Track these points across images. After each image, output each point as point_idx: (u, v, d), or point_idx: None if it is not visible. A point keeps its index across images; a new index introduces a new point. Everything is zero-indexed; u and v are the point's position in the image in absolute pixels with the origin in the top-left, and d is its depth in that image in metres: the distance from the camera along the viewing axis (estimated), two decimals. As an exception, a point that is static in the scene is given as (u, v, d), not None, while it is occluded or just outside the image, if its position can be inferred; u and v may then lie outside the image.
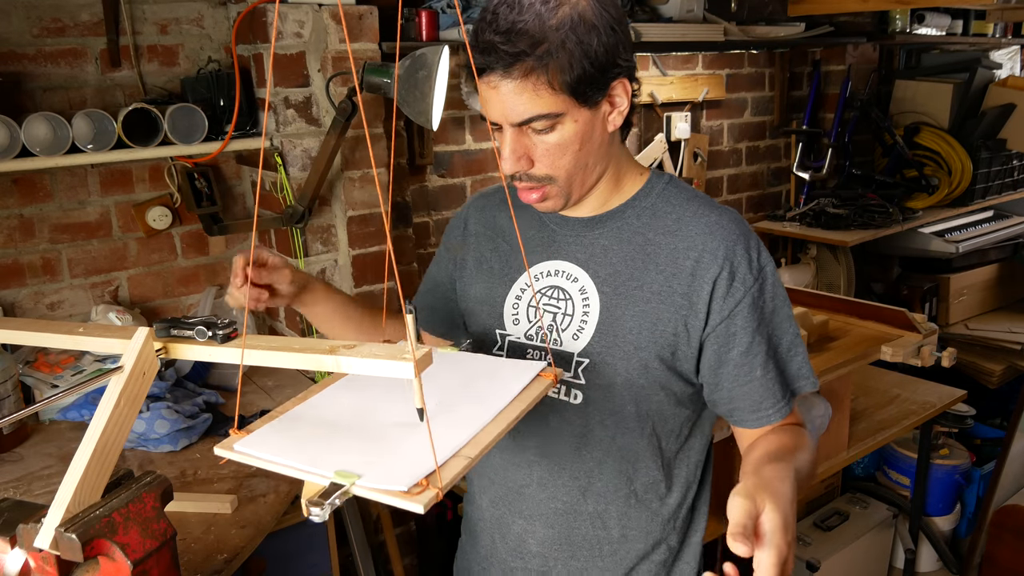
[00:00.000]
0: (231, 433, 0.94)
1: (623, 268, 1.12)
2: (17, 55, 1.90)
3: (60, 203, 2.01)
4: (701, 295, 1.08)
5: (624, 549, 1.21)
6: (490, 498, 1.27)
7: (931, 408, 2.44)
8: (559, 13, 0.98)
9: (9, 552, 0.94)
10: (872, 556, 2.73)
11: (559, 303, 1.15)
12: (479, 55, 1.01)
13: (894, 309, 2.25)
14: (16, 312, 2.00)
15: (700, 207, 1.13)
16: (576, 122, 1.04)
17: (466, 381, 1.04)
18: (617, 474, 1.17)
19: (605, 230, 1.15)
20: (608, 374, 1.12)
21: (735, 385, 1.10)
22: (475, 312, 1.26)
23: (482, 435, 0.90)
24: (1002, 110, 3.50)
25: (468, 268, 1.28)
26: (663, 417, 1.15)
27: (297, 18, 1.93)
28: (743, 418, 1.12)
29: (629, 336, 1.10)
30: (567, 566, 1.22)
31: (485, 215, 1.28)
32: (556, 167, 1.07)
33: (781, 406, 1.11)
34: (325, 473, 0.84)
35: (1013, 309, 3.66)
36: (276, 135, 2.01)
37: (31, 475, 1.64)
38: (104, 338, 1.00)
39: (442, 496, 0.81)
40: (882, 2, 2.99)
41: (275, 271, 1.19)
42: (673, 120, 2.96)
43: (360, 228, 2.12)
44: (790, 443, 1.06)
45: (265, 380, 2.08)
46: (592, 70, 1.00)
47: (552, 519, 1.21)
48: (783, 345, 1.12)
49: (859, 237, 3.06)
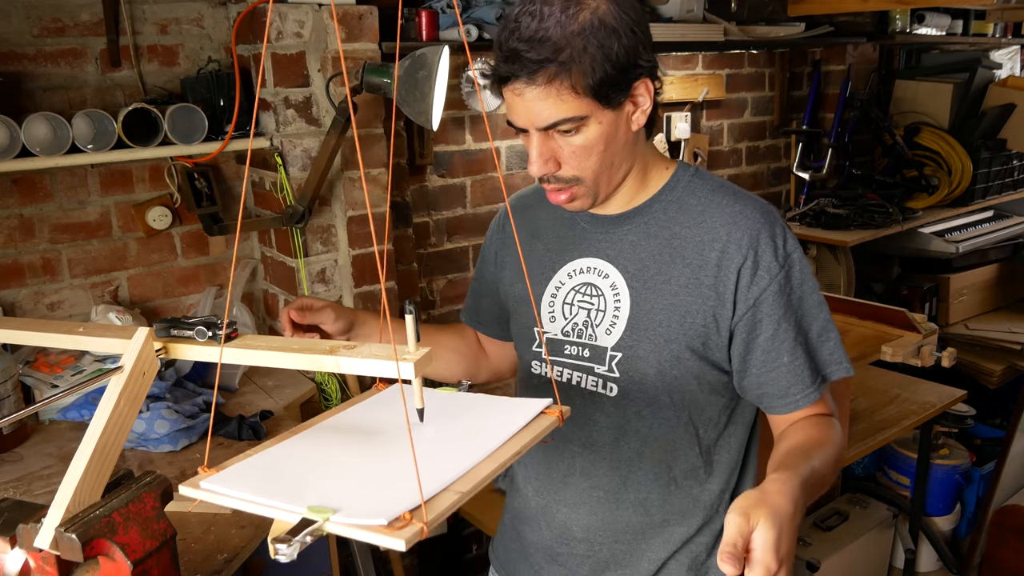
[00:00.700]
0: (200, 471, 0.89)
1: (651, 262, 1.15)
2: (17, 55, 1.90)
3: (60, 203, 2.01)
4: (728, 285, 1.11)
5: (667, 533, 1.23)
6: (535, 488, 1.30)
7: (931, 408, 2.44)
8: (580, 19, 1.01)
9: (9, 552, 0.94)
10: (872, 556, 2.73)
11: (592, 299, 1.19)
12: (503, 63, 1.04)
13: (894, 309, 2.25)
14: (16, 312, 2.00)
15: (724, 197, 1.15)
16: (600, 123, 1.06)
17: (464, 419, 1.00)
18: (656, 463, 1.20)
19: (633, 226, 1.18)
20: (641, 367, 1.15)
21: (763, 371, 1.13)
22: (516, 311, 1.31)
23: (476, 470, 0.85)
24: (1002, 110, 3.50)
25: (508, 269, 1.33)
26: (698, 406, 1.18)
27: (297, 18, 1.93)
28: (772, 404, 1.15)
29: (659, 329, 1.13)
30: (611, 549, 1.25)
31: (521, 216, 1.32)
32: (583, 168, 1.09)
33: (810, 392, 1.13)
34: (297, 509, 0.79)
35: (1013, 309, 3.66)
36: (276, 135, 2.01)
37: (31, 475, 1.64)
38: (104, 338, 1.00)
39: (428, 533, 0.75)
40: (882, 2, 2.99)
41: (319, 312, 1.25)
42: (673, 120, 2.96)
43: (360, 228, 2.12)
44: (812, 440, 1.08)
45: (265, 380, 2.08)
46: (614, 72, 1.03)
47: (595, 507, 1.24)
48: (813, 331, 1.14)
49: (859, 237, 3.06)
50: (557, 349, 1.23)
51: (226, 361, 0.96)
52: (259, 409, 1.87)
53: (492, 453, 0.88)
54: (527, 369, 1.30)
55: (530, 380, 1.30)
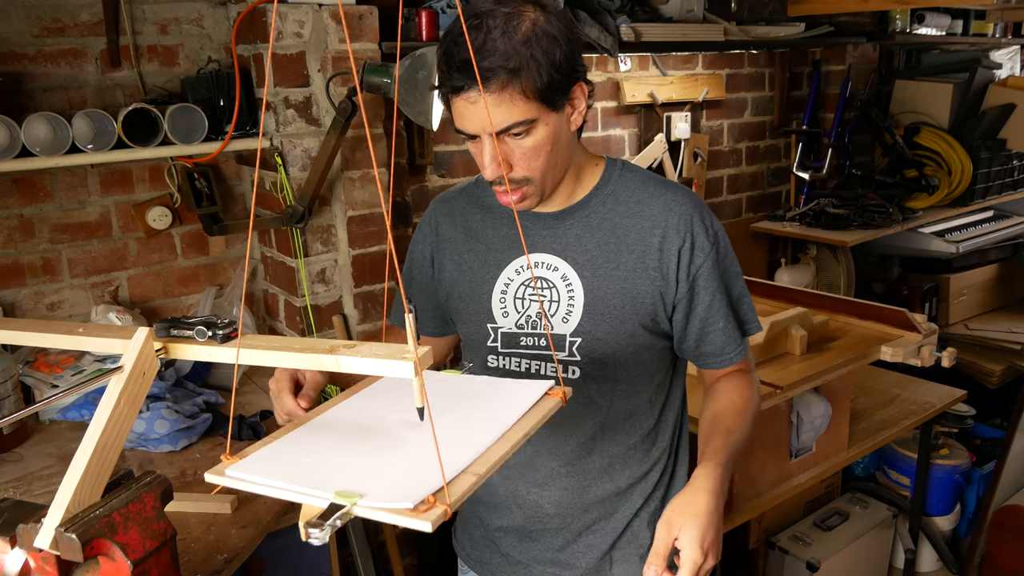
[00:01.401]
0: (223, 459, 0.91)
1: (599, 253, 1.25)
2: (17, 55, 1.90)
3: (60, 203, 2.01)
4: (670, 265, 1.24)
5: (630, 493, 1.36)
6: (501, 473, 1.36)
7: (931, 408, 2.44)
8: (522, 29, 1.09)
9: (9, 552, 0.94)
10: (872, 556, 2.73)
11: (544, 291, 1.28)
12: (456, 74, 1.09)
13: (894, 309, 2.25)
14: (16, 312, 2.00)
15: (656, 187, 1.28)
16: (547, 125, 1.14)
17: (472, 402, 1.03)
18: (616, 431, 1.32)
19: (575, 220, 1.27)
20: (600, 348, 1.26)
21: (702, 335, 1.28)
22: (462, 311, 1.36)
23: (490, 452, 0.89)
24: (1002, 110, 3.50)
25: (447, 271, 1.37)
26: (649, 373, 1.31)
27: (297, 18, 1.93)
28: (708, 362, 1.31)
29: (614, 312, 1.25)
30: (583, 519, 1.35)
31: (454, 219, 1.38)
32: (532, 168, 1.17)
33: (740, 349, 1.31)
34: (324, 494, 0.81)
35: (1013, 309, 3.66)
36: (276, 135, 2.01)
37: (31, 475, 1.64)
38: (104, 338, 1.00)
39: (451, 514, 0.79)
40: (882, 2, 2.99)
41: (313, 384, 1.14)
42: (673, 120, 2.96)
43: (360, 228, 2.12)
44: (734, 407, 1.26)
45: (265, 380, 2.07)
46: (558, 77, 1.11)
47: (564, 482, 1.33)
48: (734, 295, 1.30)
49: (859, 237, 3.06)
50: (513, 342, 1.30)
51: (226, 361, 0.96)
52: (259, 409, 1.87)
53: (503, 435, 0.92)
54: (482, 364, 1.34)
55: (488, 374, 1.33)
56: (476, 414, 0.99)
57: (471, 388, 1.08)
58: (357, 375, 1.20)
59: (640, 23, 2.50)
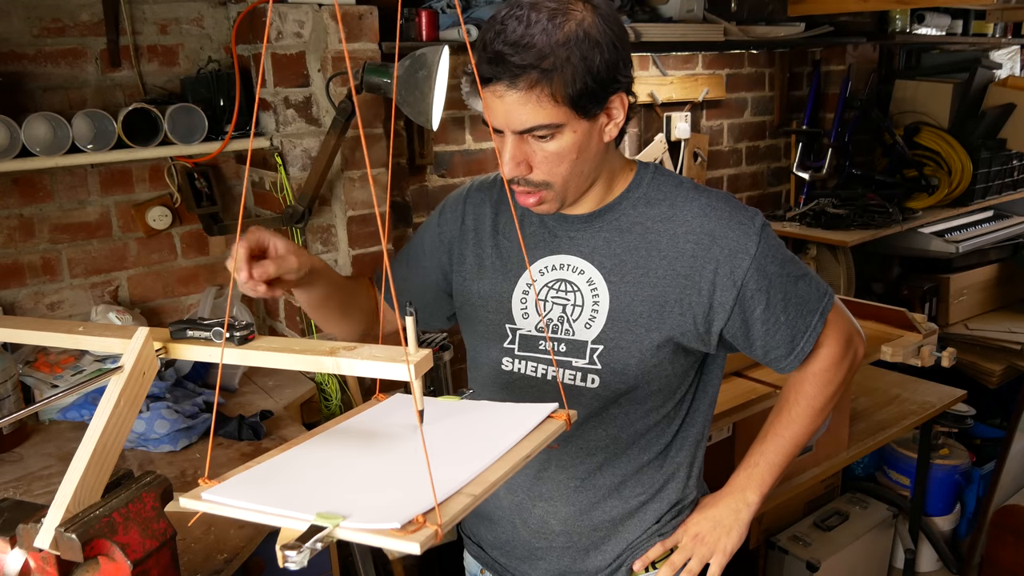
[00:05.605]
0: (200, 483, 0.87)
1: (627, 257, 1.19)
2: (17, 55, 1.90)
3: (60, 203, 2.01)
4: (704, 274, 1.15)
5: (641, 513, 1.29)
6: (507, 486, 1.30)
7: (931, 408, 2.44)
8: (565, 29, 1.03)
9: (9, 552, 0.94)
10: (872, 556, 2.73)
11: (567, 295, 1.22)
12: (487, 65, 1.05)
13: (894, 309, 2.25)
14: (16, 312, 2.00)
15: (689, 191, 1.20)
16: (575, 133, 1.09)
17: (470, 424, 0.99)
18: (630, 446, 1.25)
19: (604, 223, 1.21)
20: (622, 358, 1.19)
21: (767, 337, 1.20)
22: (480, 307, 1.30)
23: (487, 473, 0.84)
24: (1002, 110, 3.50)
25: (468, 264, 1.31)
26: (671, 388, 1.23)
27: (297, 18, 1.93)
28: (782, 365, 1.24)
29: (640, 320, 1.17)
30: (591, 537, 1.28)
31: (483, 211, 1.32)
32: (553, 174, 1.12)
33: (812, 333, 1.22)
34: (305, 516, 0.77)
35: (1013, 309, 3.65)
36: (276, 135, 2.01)
37: (31, 475, 1.64)
38: (104, 338, 1.00)
39: (442, 536, 0.74)
40: (882, 2, 2.99)
41: (283, 260, 1.09)
42: (673, 120, 2.96)
43: (360, 228, 2.12)
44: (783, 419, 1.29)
45: (265, 380, 2.08)
46: (593, 85, 1.06)
47: (573, 497, 1.27)
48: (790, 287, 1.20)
49: (859, 237, 3.05)
50: (531, 345, 1.25)
51: (227, 362, 0.96)
52: (259, 409, 1.87)
53: (502, 457, 0.87)
54: (494, 366, 1.29)
55: (499, 377, 1.28)
56: (474, 435, 0.95)
57: (470, 411, 1.04)
58: None
59: (640, 23, 2.50)
